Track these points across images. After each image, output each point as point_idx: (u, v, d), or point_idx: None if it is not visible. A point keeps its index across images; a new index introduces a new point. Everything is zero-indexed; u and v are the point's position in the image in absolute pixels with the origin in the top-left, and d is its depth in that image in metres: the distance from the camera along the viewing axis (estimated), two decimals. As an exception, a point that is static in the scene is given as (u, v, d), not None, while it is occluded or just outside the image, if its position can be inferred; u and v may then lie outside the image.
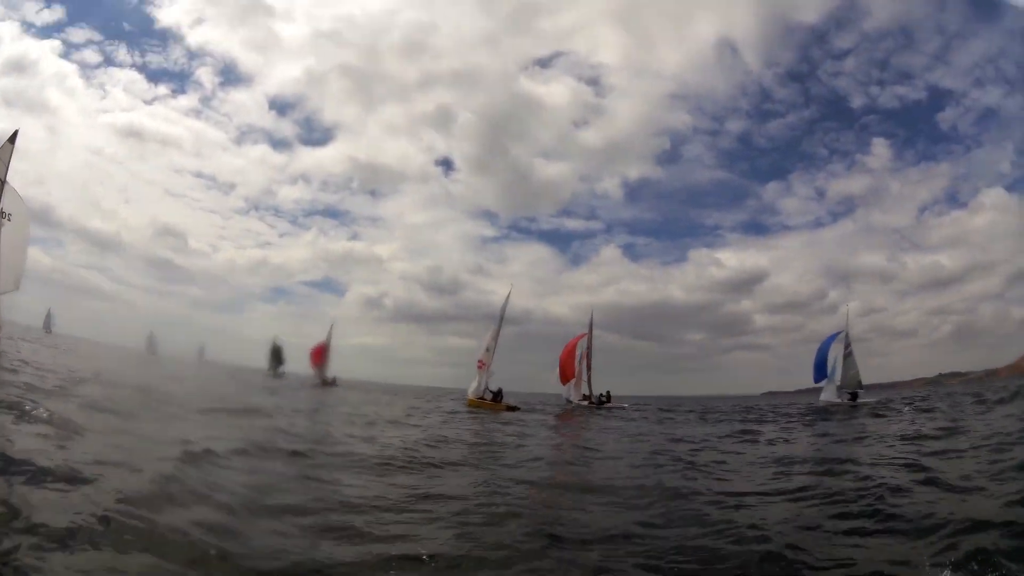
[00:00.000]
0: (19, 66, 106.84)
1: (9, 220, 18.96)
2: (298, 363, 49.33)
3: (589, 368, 31.68)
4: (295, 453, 8.35)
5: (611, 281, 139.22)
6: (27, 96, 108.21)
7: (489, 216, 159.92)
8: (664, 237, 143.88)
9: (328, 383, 43.93)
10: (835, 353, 31.06)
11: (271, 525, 4.92)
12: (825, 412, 25.02)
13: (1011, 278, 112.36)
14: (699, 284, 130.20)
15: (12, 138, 19.49)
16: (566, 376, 31.36)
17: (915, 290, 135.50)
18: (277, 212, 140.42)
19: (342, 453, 9.00)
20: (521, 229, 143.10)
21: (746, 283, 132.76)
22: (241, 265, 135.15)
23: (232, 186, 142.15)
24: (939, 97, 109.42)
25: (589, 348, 31.89)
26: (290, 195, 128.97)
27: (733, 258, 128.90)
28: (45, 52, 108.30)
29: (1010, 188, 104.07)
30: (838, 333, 31.48)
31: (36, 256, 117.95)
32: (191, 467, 6.21)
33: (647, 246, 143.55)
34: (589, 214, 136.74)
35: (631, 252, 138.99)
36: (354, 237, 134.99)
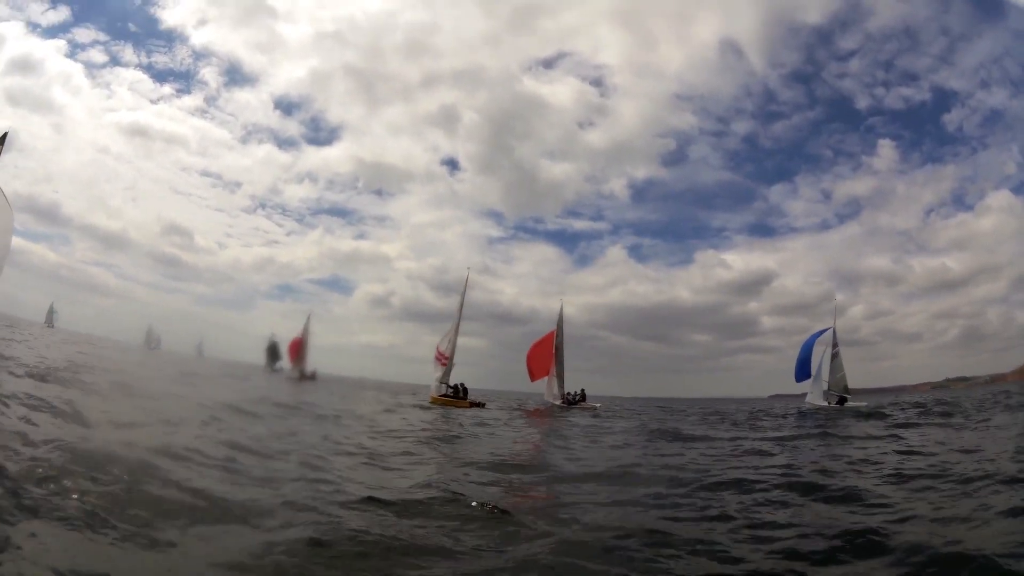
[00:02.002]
0: (24, 65, 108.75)
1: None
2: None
3: (559, 364, 29.98)
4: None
5: (617, 282, 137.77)
6: (33, 95, 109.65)
7: (495, 216, 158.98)
8: (670, 238, 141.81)
9: (306, 377, 43.21)
10: (820, 352, 29.02)
11: None
12: (804, 417, 22.94)
13: (1017, 281, 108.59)
14: (705, 285, 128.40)
15: (2, 139, 19.42)
16: (534, 374, 29.80)
17: (921, 293, 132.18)
18: (284, 211, 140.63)
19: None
20: (527, 229, 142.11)
21: (753, 285, 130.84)
22: (247, 263, 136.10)
23: (238, 184, 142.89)
24: (944, 98, 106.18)
25: (559, 345, 30.18)
26: (296, 194, 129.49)
27: (739, 260, 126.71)
28: (50, 52, 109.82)
29: (1016, 190, 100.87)
30: (824, 331, 29.43)
31: (42, 252, 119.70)
32: None
33: (653, 247, 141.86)
34: (595, 215, 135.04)
35: (637, 253, 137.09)
36: (361, 236, 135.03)
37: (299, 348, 45.01)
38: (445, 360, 27.34)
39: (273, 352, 49.67)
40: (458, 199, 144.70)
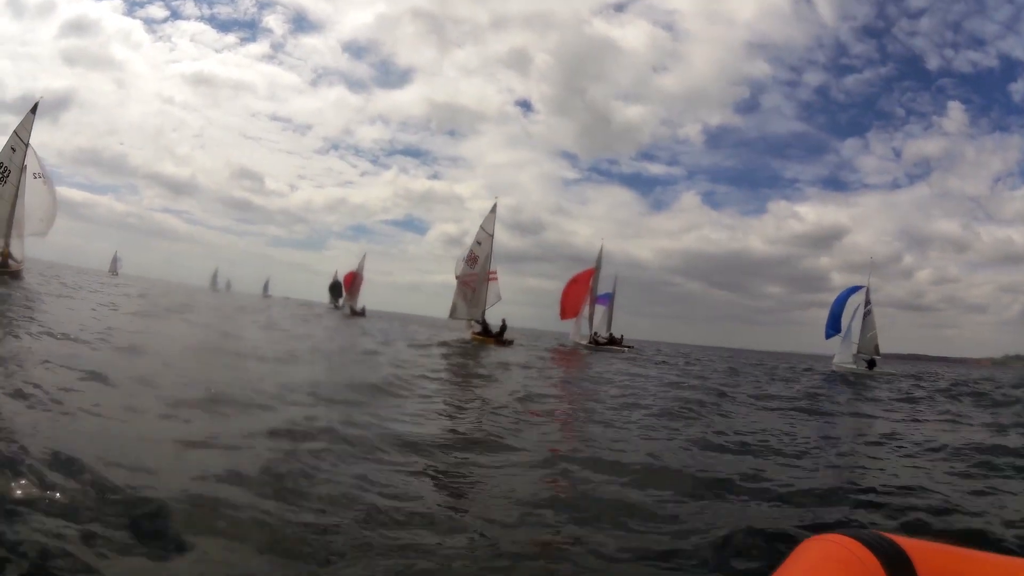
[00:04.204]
0: (79, 26, 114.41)
1: (43, 179, 22.80)
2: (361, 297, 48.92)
3: (592, 305, 30.63)
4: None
5: (692, 228, 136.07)
6: (90, 53, 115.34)
7: (569, 157, 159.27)
8: (744, 186, 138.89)
9: (356, 313, 45.36)
10: (852, 310, 28.42)
11: None
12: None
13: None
14: (778, 236, 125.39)
15: (34, 108, 22.77)
16: (566, 313, 30.38)
17: (988, 263, 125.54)
18: (357, 151, 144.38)
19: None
20: (602, 171, 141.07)
21: (825, 239, 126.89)
22: (320, 204, 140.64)
23: (309, 127, 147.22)
24: (1011, 67, 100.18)
25: (595, 285, 30.75)
26: (369, 135, 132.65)
27: (812, 212, 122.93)
28: (106, 11, 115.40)
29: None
30: (858, 288, 28.72)
31: (108, 203, 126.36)
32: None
33: (727, 194, 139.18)
34: (671, 159, 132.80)
35: (711, 200, 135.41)
36: (435, 176, 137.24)
37: (352, 281, 47.21)
38: (473, 285, 25.57)
39: (335, 290, 51.91)
40: (532, 140, 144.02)
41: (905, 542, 0.77)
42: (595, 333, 30.58)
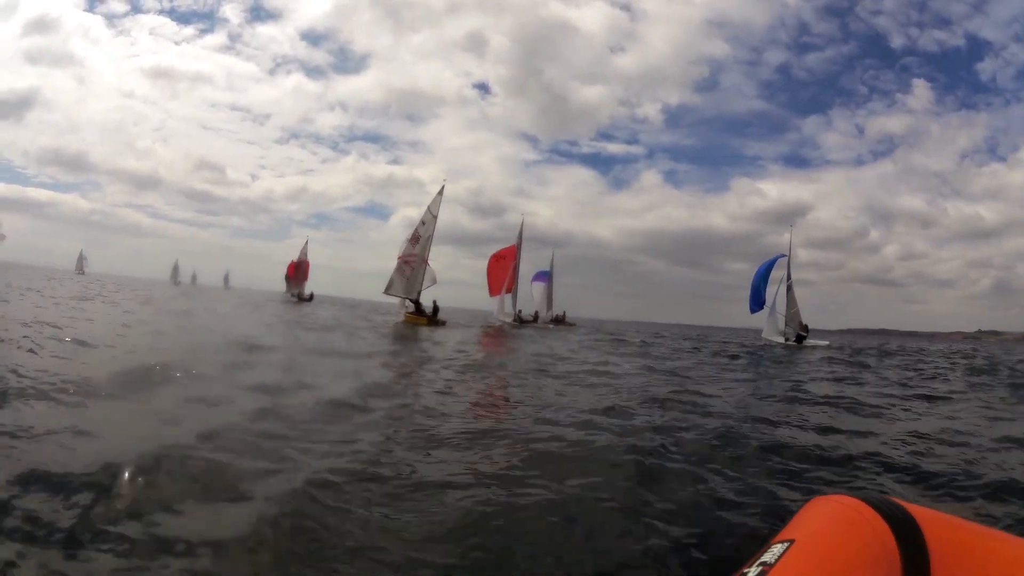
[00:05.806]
0: (40, 25, 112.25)
1: None
2: (314, 285, 48.87)
3: (516, 281, 29.71)
4: None
5: (653, 207, 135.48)
6: (52, 51, 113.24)
7: (529, 139, 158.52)
8: (705, 164, 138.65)
9: (304, 300, 44.78)
10: (776, 283, 27.48)
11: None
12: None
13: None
14: (741, 213, 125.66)
15: None
16: (493, 290, 29.23)
17: (955, 238, 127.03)
18: (317, 139, 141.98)
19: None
20: (562, 152, 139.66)
21: (788, 215, 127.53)
22: (281, 193, 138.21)
23: (267, 116, 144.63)
24: (978, 47, 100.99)
25: (518, 262, 29.85)
26: (329, 122, 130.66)
27: (774, 189, 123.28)
28: (67, 8, 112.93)
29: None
30: (779, 257, 27.79)
31: (73, 201, 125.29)
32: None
33: (688, 173, 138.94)
34: (630, 138, 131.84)
35: (672, 178, 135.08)
36: (395, 161, 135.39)
37: (296, 270, 46.48)
38: (413, 264, 25.38)
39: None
40: (491, 122, 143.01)
41: (914, 509, 0.74)
42: (519, 311, 29.76)
